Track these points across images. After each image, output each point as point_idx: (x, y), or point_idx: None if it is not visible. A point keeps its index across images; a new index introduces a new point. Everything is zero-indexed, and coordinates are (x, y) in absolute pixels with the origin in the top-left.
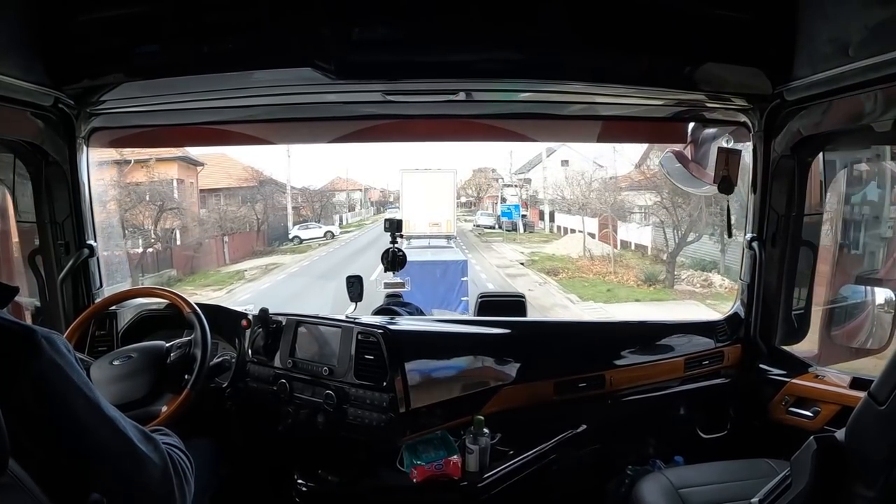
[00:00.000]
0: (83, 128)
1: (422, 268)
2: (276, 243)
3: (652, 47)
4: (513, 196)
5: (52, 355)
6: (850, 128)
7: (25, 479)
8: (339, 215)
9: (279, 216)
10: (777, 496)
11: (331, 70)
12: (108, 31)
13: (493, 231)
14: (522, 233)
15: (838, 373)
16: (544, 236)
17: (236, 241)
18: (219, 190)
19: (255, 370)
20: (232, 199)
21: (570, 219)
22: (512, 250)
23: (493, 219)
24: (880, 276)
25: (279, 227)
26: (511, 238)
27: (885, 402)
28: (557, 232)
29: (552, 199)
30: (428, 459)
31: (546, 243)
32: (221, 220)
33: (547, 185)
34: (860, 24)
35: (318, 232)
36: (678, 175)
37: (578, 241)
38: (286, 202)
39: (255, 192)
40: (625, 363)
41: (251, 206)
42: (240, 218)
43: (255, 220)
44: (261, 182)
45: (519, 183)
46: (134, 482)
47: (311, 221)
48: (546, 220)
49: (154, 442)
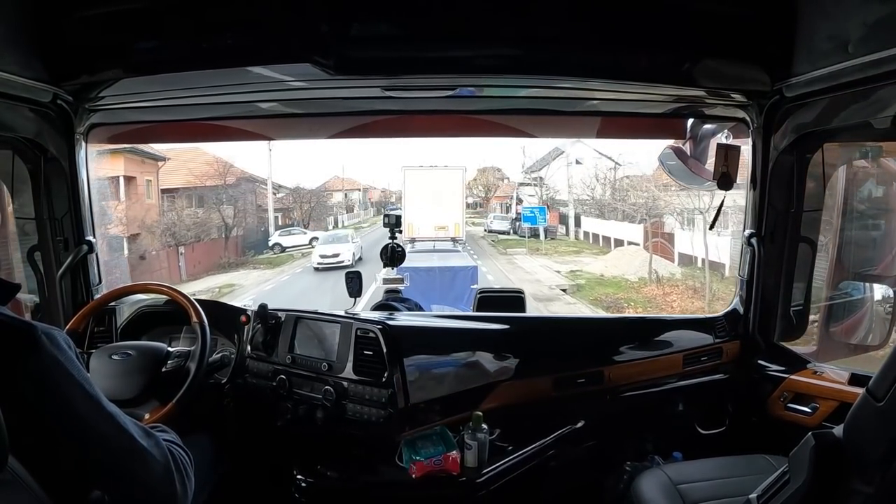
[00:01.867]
0: (82, 124)
1: (428, 274)
2: (251, 252)
3: (651, 43)
4: (530, 196)
5: (52, 351)
6: (850, 124)
7: (25, 475)
8: (334, 217)
9: (261, 219)
10: (775, 492)
11: (330, 66)
12: (106, 27)
13: (510, 238)
14: (544, 240)
15: (837, 369)
16: (573, 245)
17: (199, 252)
18: (175, 190)
19: (254, 366)
20: (195, 200)
21: (602, 224)
22: (541, 266)
23: (507, 223)
24: (878, 272)
25: (259, 232)
26: (533, 247)
27: (883, 398)
28: (585, 239)
29: (578, 200)
30: (427, 455)
31: (577, 254)
32: (176, 226)
33: (573, 184)
34: (859, 20)
35: (302, 239)
36: (677, 171)
37: (630, 256)
38: (267, 203)
39: (224, 191)
40: (623, 359)
41: (219, 209)
42: (201, 224)
43: (223, 224)
44: (237, 180)
45: (536, 181)
46: (136, 478)
47: (295, 226)
48: (570, 225)
49: (154, 438)
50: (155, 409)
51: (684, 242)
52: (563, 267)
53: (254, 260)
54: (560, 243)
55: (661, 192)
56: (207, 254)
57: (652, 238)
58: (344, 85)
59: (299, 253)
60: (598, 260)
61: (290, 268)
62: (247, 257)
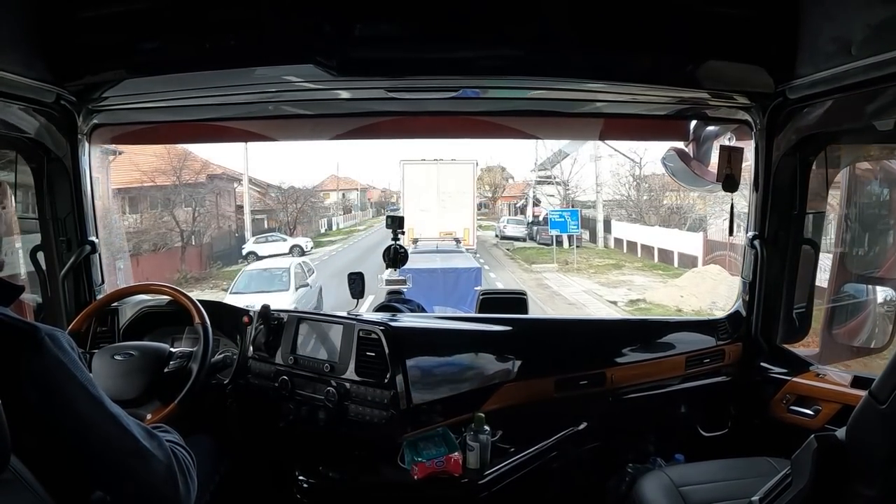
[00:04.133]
0: (85, 124)
1: (430, 276)
2: (218, 264)
3: (654, 45)
4: (549, 196)
5: (55, 352)
6: (853, 126)
7: (27, 476)
8: (328, 219)
9: (231, 223)
10: (777, 494)
11: (333, 66)
12: (110, 28)
13: (528, 246)
14: (567, 247)
15: (839, 371)
16: (606, 255)
17: (149, 265)
18: (129, 189)
19: (256, 367)
20: (142, 203)
21: (639, 230)
22: (584, 291)
23: (523, 227)
24: (881, 274)
25: (234, 238)
26: (561, 258)
27: (885, 401)
28: (617, 247)
29: (609, 201)
30: (429, 456)
31: (617, 268)
32: (111, 234)
33: (602, 182)
34: (863, 22)
35: (281, 247)
36: (680, 173)
37: (713, 280)
38: (246, 204)
39: (180, 191)
40: (626, 361)
41: (171, 212)
42: (144, 231)
43: (188, 230)
44: (208, 177)
45: (550, 178)
46: (138, 479)
47: (277, 231)
48: (598, 231)
49: (157, 439)
50: (157, 409)
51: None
52: (614, 292)
53: (220, 273)
54: (589, 253)
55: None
56: (160, 267)
57: (713, 251)
58: (347, 86)
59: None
60: (665, 284)
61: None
62: (210, 270)
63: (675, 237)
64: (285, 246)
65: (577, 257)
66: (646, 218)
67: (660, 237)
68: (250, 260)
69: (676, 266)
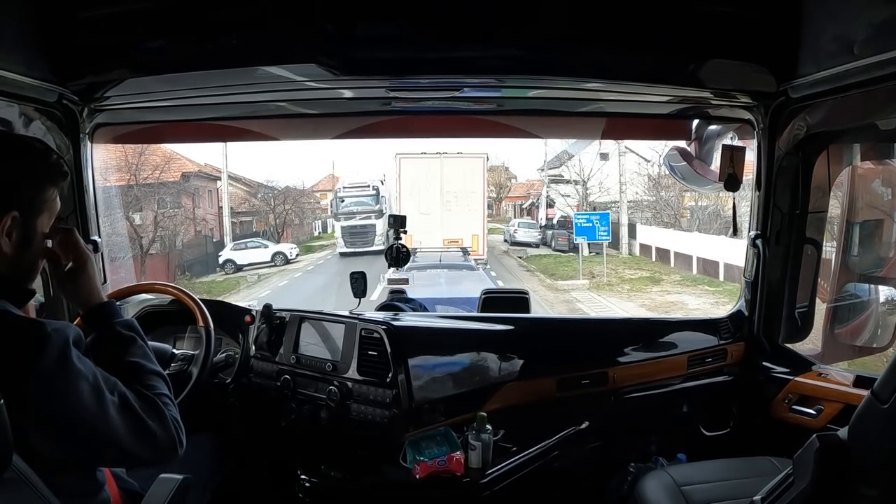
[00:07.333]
0: (87, 124)
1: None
2: (187, 275)
3: (656, 44)
4: (565, 196)
5: (61, 348)
6: (855, 126)
7: (30, 474)
8: (322, 221)
9: (212, 227)
10: (779, 494)
11: (335, 66)
12: (112, 27)
13: (543, 254)
14: (587, 255)
15: (841, 371)
16: (634, 264)
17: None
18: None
19: (258, 366)
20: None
21: (673, 236)
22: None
23: (535, 231)
24: (883, 274)
25: (211, 245)
26: (586, 270)
27: (888, 400)
28: (644, 255)
29: (634, 203)
30: (431, 455)
31: (653, 283)
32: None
33: (625, 181)
34: (865, 21)
35: (262, 254)
36: (682, 172)
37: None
38: (224, 205)
39: (134, 191)
40: (627, 360)
41: (126, 216)
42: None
43: (140, 238)
44: (182, 176)
45: (576, 178)
46: (144, 459)
47: (256, 237)
48: (622, 235)
49: (159, 413)
50: None
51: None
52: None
53: (190, 286)
54: (615, 262)
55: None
56: (113, 279)
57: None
58: (349, 85)
59: (255, 275)
60: (727, 303)
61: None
62: (180, 281)
63: (719, 245)
64: (267, 253)
65: (605, 268)
66: (681, 221)
67: (699, 244)
68: (228, 269)
69: (722, 279)
